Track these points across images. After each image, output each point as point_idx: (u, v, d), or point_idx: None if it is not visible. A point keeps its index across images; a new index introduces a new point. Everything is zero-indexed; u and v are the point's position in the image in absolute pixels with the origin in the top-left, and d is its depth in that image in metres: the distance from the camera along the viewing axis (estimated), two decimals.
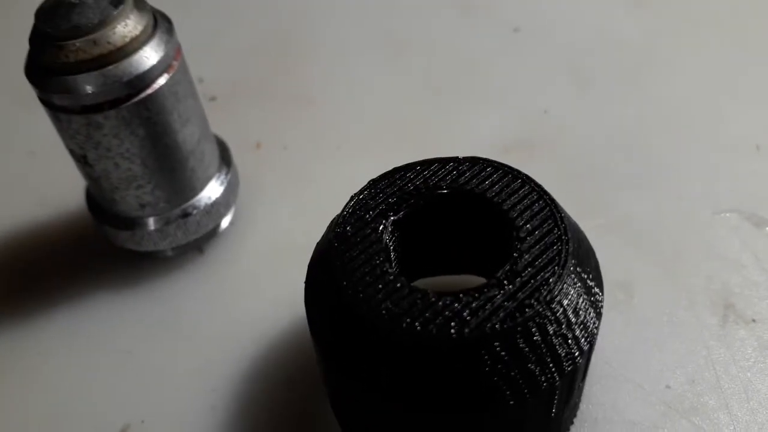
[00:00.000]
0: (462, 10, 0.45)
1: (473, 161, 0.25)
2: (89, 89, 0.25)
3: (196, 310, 0.30)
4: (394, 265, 0.23)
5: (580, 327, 0.21)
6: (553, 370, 0.20)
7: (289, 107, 0.39)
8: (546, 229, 0.22)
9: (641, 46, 0.41)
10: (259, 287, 0.31)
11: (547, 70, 0.40)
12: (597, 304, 0.22)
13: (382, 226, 0.23)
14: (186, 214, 0.30)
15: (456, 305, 0.20)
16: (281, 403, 0.27)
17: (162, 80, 0.26)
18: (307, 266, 0.24)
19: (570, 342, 0.21)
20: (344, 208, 0.24)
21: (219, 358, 0.28)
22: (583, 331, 0.21)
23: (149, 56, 0.26)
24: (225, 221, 0.33)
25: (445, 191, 0.24)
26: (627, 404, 0.26)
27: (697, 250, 0.30)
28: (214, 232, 0.33)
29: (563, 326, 0.21)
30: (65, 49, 0.25)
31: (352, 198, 0.24)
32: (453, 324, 0.20)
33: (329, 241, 0.23)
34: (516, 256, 0.22)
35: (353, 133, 0.38)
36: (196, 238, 0.31)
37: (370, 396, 0.21)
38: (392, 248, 0.24)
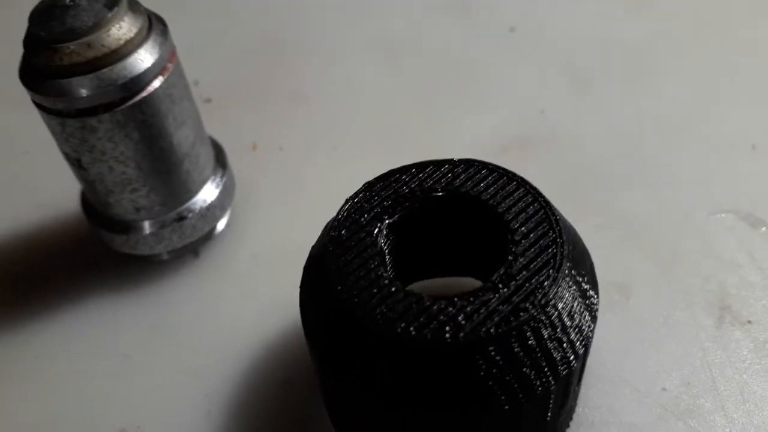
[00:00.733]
0: (458, 10, 0.45)
1: (468, 163, 0.24)
2: (83, 92, 0.25)
3: (191, 313, 0.30)
4: (389, 269, 0.23)
5: (575, 330, 0.21)
6: (548, 374, 0.20)
7: (284, 109, 0.39)
8: (541, 231, 0.22)
9: (637, 46, 0.41)
10: (254, 291, 0.31)
11: (544, 70, 0.40)
12: (592, 306, 0.22)
13: (377, 229, 0.23)
14: (181, 218, 0.30)
15: (451, 309, 0.20)
16: (277, 407, 0.27)
17: (157, 83, 0.26)
18: (302, 270, 0.24)
19: (565, 346, 0.21)
20: (339, 212, 0.24)
21: (214, 362, 0.28)
22: (579, 335, 0.21)
23: (144, 59, 0.26)
24: (221, 224, 0.33)
25: (440, 194, 0.24)
26: (623, 407, 0.26)
27: (693, 251, 0.30)
28: (209, 236, 0.33)
29: (558, 330, 0.20)
30: (59, 52, 0.25)
31: (347, 201, 0.24)
32: (448, 328, 0.20)
33: (324, 245, 0.23)
34: (511, 259, 0.22)
35: (349, 133, 0.38)
36: (192, 241, 0.31)
37: (365, 400, 0.21)
38: (387, 251, 0.23)
